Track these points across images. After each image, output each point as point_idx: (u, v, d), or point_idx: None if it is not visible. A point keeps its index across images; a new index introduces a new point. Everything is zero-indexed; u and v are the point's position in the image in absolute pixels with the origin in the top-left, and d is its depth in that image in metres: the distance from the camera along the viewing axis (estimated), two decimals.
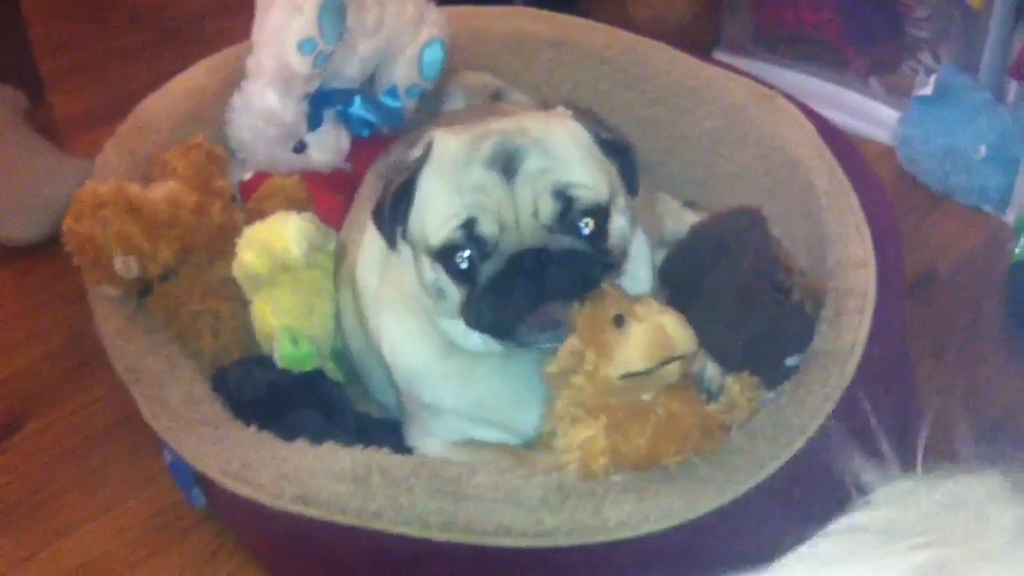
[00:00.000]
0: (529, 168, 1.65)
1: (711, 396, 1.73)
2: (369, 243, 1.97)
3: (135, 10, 3.86)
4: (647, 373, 1.60)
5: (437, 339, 1.80)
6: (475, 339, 1.75)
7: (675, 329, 1.60)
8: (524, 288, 1.64)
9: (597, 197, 1.68)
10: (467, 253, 1.65)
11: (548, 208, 1.65)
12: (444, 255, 1.67)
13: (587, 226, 1.67)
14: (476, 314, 1.68)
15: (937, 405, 2.24)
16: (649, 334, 1.60)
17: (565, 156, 1.69)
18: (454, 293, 1.69)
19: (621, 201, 1.74)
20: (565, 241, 1.66)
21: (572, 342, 1.64)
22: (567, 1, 3.43)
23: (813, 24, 3.21)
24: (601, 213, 1.68)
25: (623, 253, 1.74)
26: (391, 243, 1.78)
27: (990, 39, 2.82)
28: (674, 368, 1.61)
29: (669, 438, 1.63)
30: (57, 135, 3.17)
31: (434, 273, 1.70)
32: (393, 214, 1.73)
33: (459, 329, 1.74)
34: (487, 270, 1.65)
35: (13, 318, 2.59)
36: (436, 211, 1.67)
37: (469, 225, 1.64)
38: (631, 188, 1.79)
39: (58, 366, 2.44)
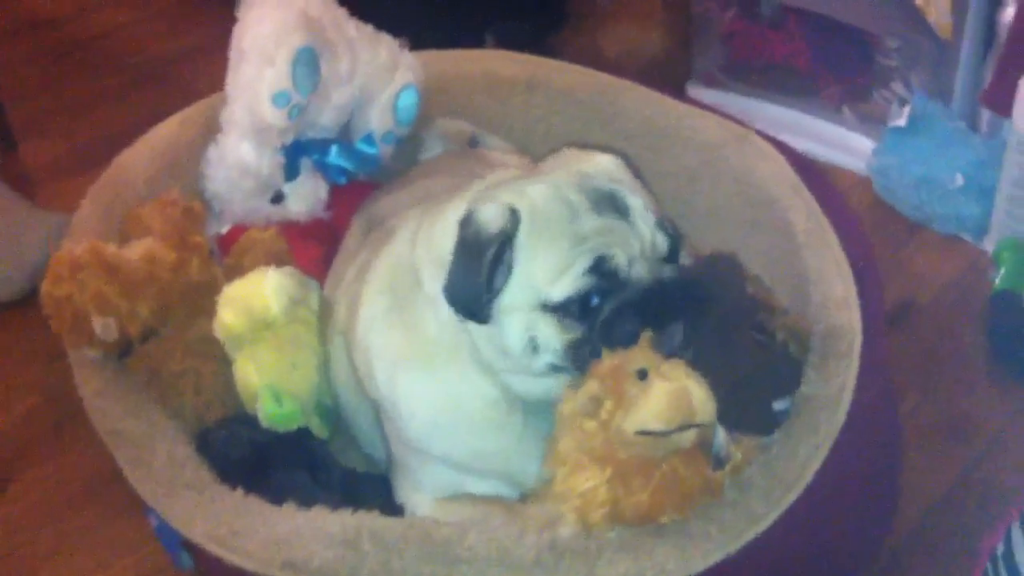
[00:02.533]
0: (636, 206, 1.69)
1: (718, 463, 1.69)
2: (372, 299, 1.91)
3: (105, 54, 3.83)
4: (663, 435, 1.58)
5: (474, 394, 1.78)
6: (543, 386, 1.74)
7: (699, 395, 1.58)
8: (658, 308, 1.67)
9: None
10: (600, 292, 1.65)
11: (663, 242, 1.70)
12: (569, 303, 1.65)
13: (684, 257, 1.76)
14: (596, 345, 1.66)
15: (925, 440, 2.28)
16: (672, 395, 1.57)
17: (643, 191, 1.75)
18: (554, 342, 1.67)
19: None
20: (674, 273, 1.72)
21: (592, 385, 1.63)
22: (538, 37, 3.45)
23: (784, 55, 3.23)
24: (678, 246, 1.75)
25: None
26: (481, 317, 1.70)
27: (961, 68, 2.85)
28: (690, 435, 1.59)
29: (671, 497, 1.61)
30: (28, 185, 3.15)
31: (531, 330, 1.68)
32: (490, 285, 1.67)
33: (525, 383, 1.75)
34: (619, 300, 1.66)
35: None
36: (551, 265, 1.65)
37: (599, 265, 1.65)
38: None
39: (37, 426, 2.42)
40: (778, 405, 1.88)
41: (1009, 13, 2.76)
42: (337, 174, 2.43)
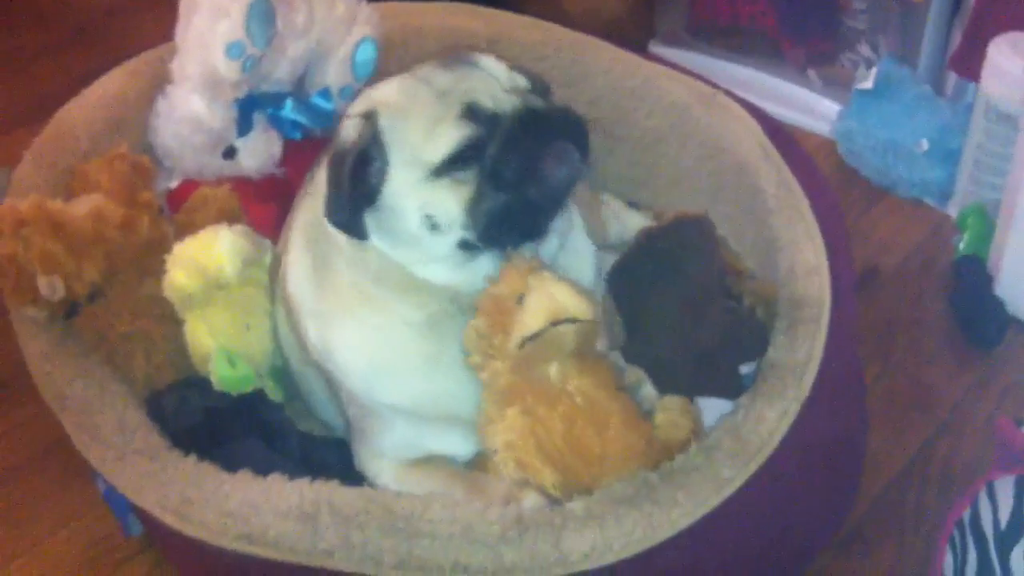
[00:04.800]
0: (485, 61, 1.74)
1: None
2: (297, 260, 1.89)
3: (41, 8, 3.72)
4: (539, 334, 1.58)
5: (401, 330, 1.75)
6: (467, 278, 1.71)
7: (567, 294, 1.60)
8: (539, 128, 1.64)
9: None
10: (479, 135, 1.63)
11: (521, 79, 1.72)
12: (450, 161, 1.63)
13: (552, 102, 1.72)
14: (503, 165, 1.64)
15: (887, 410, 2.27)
16: (539, 299, 1.60)
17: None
18: (452, 209, 1.64)
19: None
20: (540, 102, 1.70)
21: (476, 323, 1.66)
22: None
23: (748, 15, 3.19)
24: None
25: None
26: (358, 232, 1.70)
27: (928, 31, 2.83)
28: (568, 331, 1.59)
29: (585, 420, 1.62)
30: None
31: (425, 207, 1.65)
32: (360, 192, 1.67)
33: (445, 273, 1.71)
34: (498, 136, 1.64)
35: None
36: (421, 128, 1.65)
37: (468, 112, 1.64)
38: None
39: None
40: (744, 369, 1.87)
41: None
42: (292, 129, 2.36)
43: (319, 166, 2.19)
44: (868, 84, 2.81)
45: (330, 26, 2.33)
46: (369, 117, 1.68)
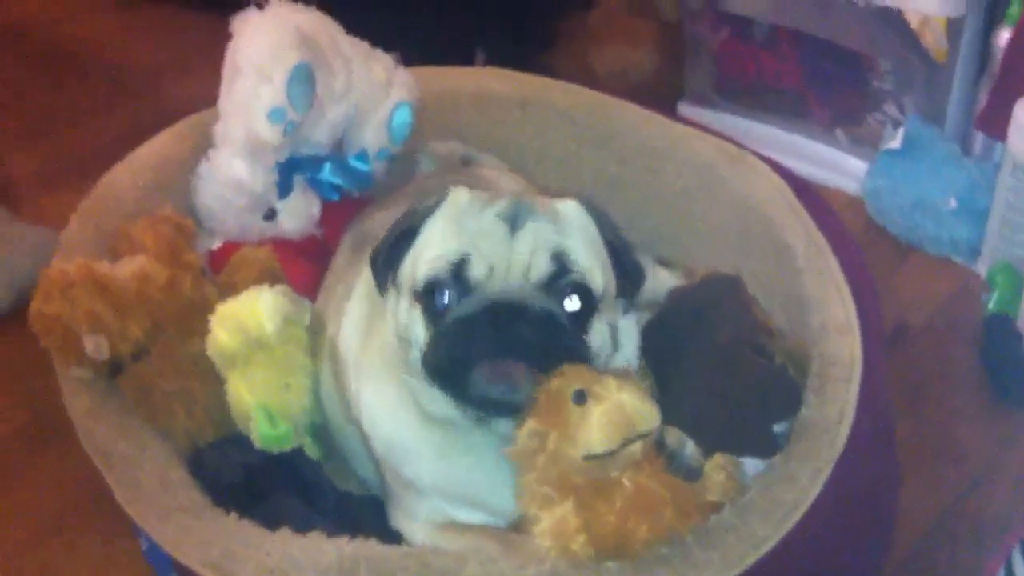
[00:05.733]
0: (534, 227, 1.65)
1: (689, 475, 1.69)
2: (353, 309, 1.94)
3: (85, 67, 3.80)
4: (609, 455, 1.57)
5: (415, 408, 1.77)
6: (438, 402, 1.71)
7: (635, 407, 1.57)
8: (488, 335, 1.60)
9: (591, 281, 1.66)
10: (448, 291, 1.63)
11: (542, 267, 1.63)
12: (427, 291, 1.65)
13: (573, 302, 1.64)
14: (435, 356, 1.64)
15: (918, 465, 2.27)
16: (609, 415, 1.56)
17: (571, 232, 1.69)
18: (423, 338, 1.66)
19: (610, 310, 1.73)
20: (548, 305, 1.63)
21: (531, 424, 1.61)
22: (528, 54, 3.45)
23: (775, 74, 3.23)
24: (589, 298, 1.66)
25: (597, 356, 1.70)
26: (381, 286, 1.76)
27: (954, 91, 2.85)
28: (637, 446, 1.58)
29: (639, 513, 1.60)
30: (11, 198, 3.10)
31: (408, 317, 1.68)
32: (389, 255, 1.72)
33: (424, 389, 1.71)
34: (460, 310, 1.62)
35: None
36: (432, 250, 1.67)
37: (459, 265, 1.63)
38: (628, 293, 1.78)
39: (22, 445, 2.37)
40: (778, 428, 1.88)
41: (1004, 36, 2.77)
42: (330, 191, 2.41)
43: (359, 222, 2.25)
44: (896, 144, 2.84)
45: (368, 90, 2.39)
46: (436, 204, 1.72)
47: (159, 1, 4.12)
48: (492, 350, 1.60)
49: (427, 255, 1.67)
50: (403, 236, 1.73)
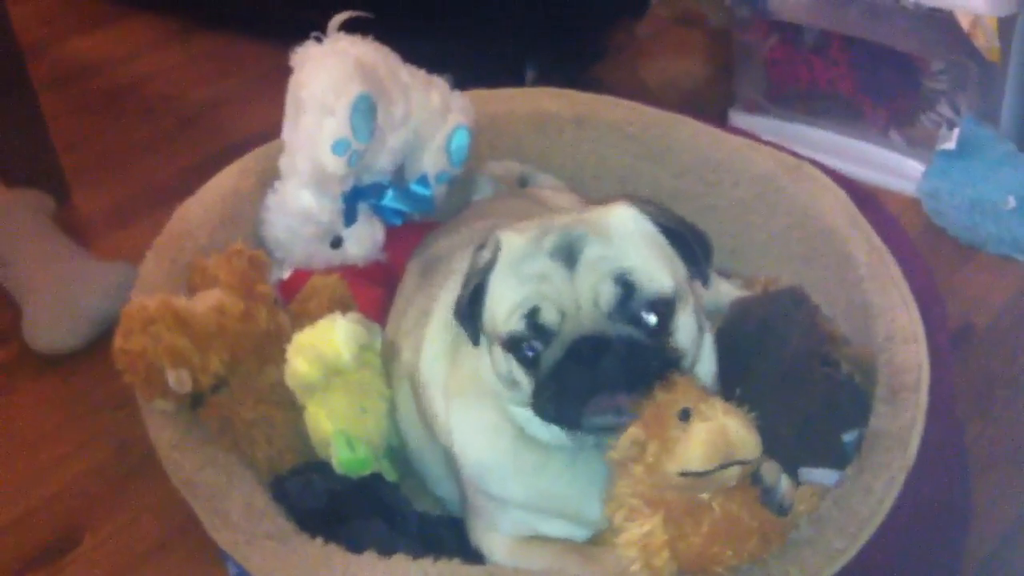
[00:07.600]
0: (589, 256, 1.66)
1: (781, 511, 1.69)
2: (434, 336, 1.98)
3: (149, 101, 3.87)
4: (704, 474, 1.59)
5: (510, 431, 1.81)
6: (546, 429, 1.75)
7: (739, 433, 1.59)
8: (579, 376, 1.63)
9: (660, 288, 1.67)
10: (531, 342, 1.67)
11: (607, 295, 1.64)
12: (512, 345, 1.69)
13: (650, 318, 1.66)
14: (542, 403, 1.69)
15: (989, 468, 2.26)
16: (712, 435, 1.58)
17: (625, 244, 1.69)
18: (525, 382, 1.70)
19: (690, 297, 1.72)
20: (625, 330, 1.64)
21: (635, 431, 1.63)
22: (578, 69, 3.48)
23: (827, 79, 3.24)
24: (665, 305, 1.67)
25: (689, 353, 1.72)
26: (475, 340, 1.80)
27: (1008, 90, 2.85)
28: (734, 472, 1.60)
29: (725, 539, 1.62)
30: (83, 234, 3.18)
31: (507, 364, 1.72)
32: (470, 313, 1.76)
33: (533, 419, 1.75)
34: (548, 358, 1.66)
35: (56, 429, 2.59)
36: (504, 304, 1.70)
37: (532, 315, 1.66)
38: (701, 275, 1.78)
39: (107, 477, 2.43)
40: (847, 437, 1.89)
41: None
42: (393, 216, 2.46)
43: (425, 248, 2.29)
44: (951, 145, 2.84)
45: (426, 116, 2.43)
46: (495, 257, 1.75)
47: (214, 30, 4.20)
48: (589, 389, 1.64)
49: (500, 312, 1.70)
50: (474, 294, 1.76)
